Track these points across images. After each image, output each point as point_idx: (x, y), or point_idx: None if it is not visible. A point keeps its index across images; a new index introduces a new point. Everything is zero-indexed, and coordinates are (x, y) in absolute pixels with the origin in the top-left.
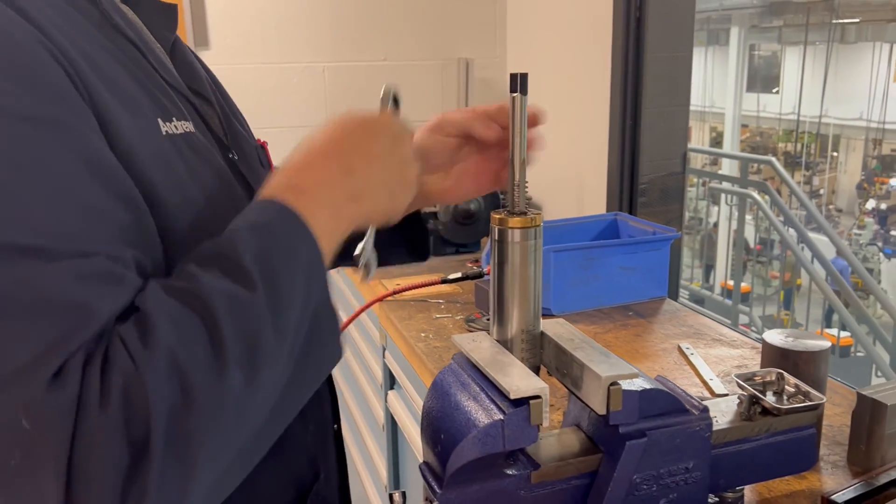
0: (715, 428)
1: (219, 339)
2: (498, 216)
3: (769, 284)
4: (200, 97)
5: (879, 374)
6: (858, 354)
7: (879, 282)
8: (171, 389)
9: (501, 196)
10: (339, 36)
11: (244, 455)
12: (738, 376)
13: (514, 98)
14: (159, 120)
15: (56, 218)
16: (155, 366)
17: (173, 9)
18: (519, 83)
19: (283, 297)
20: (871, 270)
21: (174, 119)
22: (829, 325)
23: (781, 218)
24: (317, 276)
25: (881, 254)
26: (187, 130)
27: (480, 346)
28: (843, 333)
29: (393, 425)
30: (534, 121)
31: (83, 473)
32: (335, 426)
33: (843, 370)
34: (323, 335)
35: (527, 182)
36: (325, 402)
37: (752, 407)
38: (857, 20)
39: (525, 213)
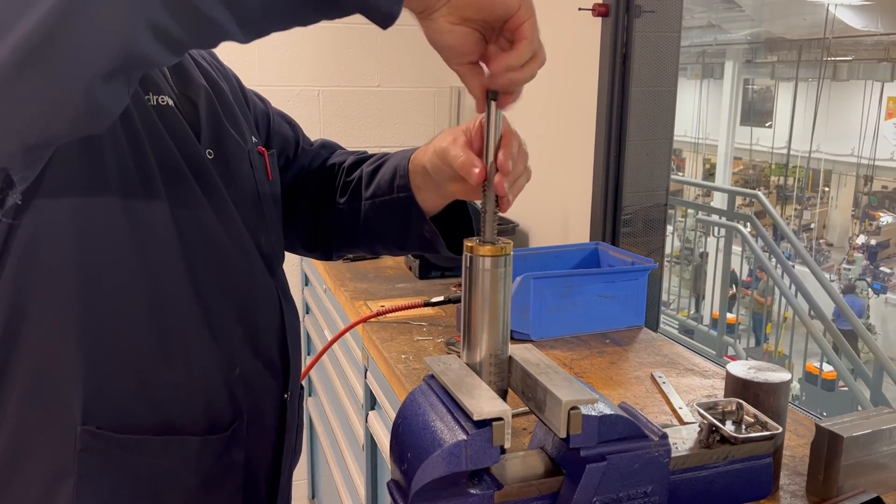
0: (674, 454)
1: None
2: (469, 244)
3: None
4: (187, 99)
5: (860, 409)
6: (843, 389)
7: (868, 317)
8: None
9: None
10: (335, 61)
11: None
12: (699, 405)
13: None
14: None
15: None
16: None
17: None
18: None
19: None
20: None
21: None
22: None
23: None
24: None
25: (870, 289)
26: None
27: (450, 369)
28: (828, 367)
29: (373, 445)
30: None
31: None
32: (285, 395)
33: (826, 403)
34: None
35: (499, 210)
36: (270, 364)
37: (711, 435)
38: (849, 58)
39: (495, 242)
